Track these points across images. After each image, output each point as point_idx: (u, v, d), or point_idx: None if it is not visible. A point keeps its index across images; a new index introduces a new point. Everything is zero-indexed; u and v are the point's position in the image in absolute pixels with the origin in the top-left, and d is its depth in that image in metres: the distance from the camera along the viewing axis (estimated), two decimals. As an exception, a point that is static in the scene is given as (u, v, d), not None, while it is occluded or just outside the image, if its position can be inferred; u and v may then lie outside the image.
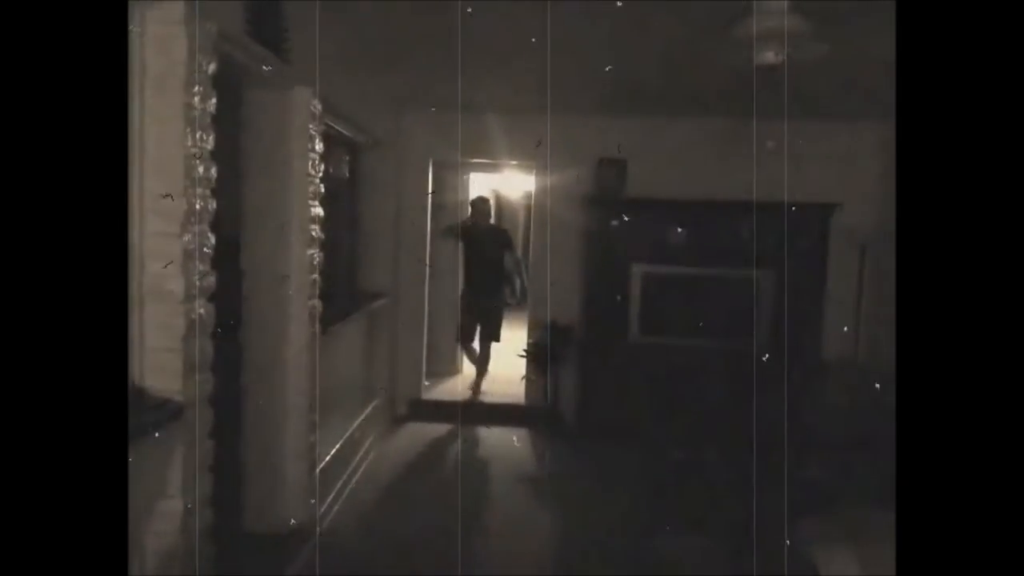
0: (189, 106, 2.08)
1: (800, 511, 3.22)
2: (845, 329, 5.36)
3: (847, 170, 5.49)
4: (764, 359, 4.60)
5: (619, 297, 5.36)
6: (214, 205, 2.26)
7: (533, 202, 6.17)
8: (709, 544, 3.54)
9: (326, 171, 3.58)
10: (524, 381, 5.92)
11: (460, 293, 6.29)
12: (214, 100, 2.23)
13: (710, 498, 3.99)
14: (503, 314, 6.28)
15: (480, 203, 6.24)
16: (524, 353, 5.85)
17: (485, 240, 6.00)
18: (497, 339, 6.13)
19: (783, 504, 3.61)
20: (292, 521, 3.27)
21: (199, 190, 2.16)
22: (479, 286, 6.01)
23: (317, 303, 3.43)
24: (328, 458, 3.86)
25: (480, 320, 6.08)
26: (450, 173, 6.53)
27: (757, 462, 4.35)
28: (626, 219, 5.42)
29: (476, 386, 6.15)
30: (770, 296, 5.33)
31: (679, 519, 3.85)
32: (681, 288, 5.38)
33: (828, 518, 2.62)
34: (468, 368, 6.51)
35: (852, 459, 3.88)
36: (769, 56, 2.97)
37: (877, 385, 3.38)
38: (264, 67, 2.74)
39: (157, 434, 1.98)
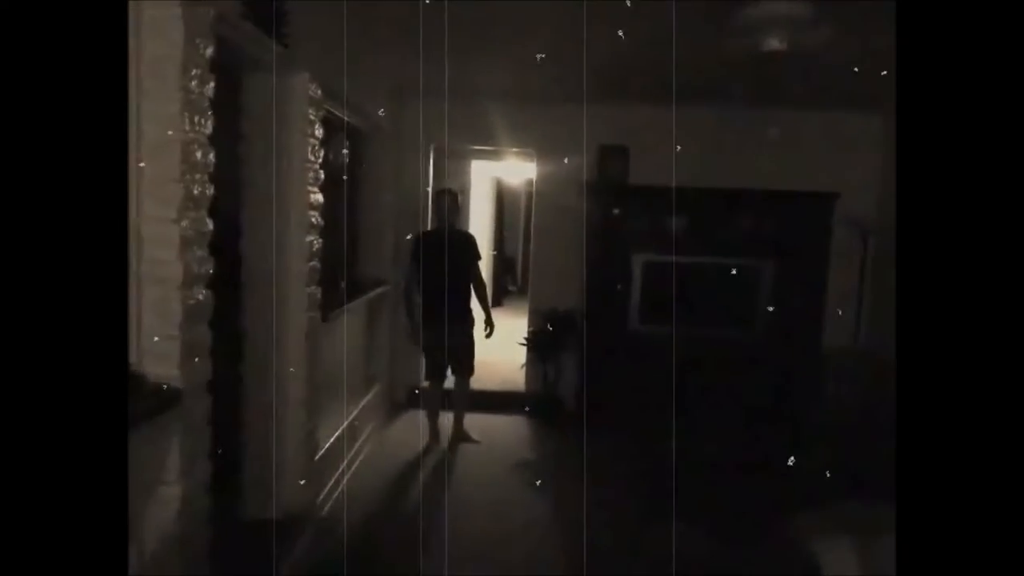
0: (187, 90, 2.06)
1: (799, 502, 3.23)
2: (839, 312, 5.33)
3: (850, 158, 5.47)
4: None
5: (619, 286, 5.35)
6: (212, 190, 2.24)
7: (535, 189, 6.12)
8: (705, 533, 3.55)
9: (326, 157, 3.56)
10: (524, 369, 5.92)
11: (420, 322, 4.77)
12: (212, 84, 2.21)
13: (708, 487, 3.99)
14: (475, 343, 4.91)
15: (443, 200, 4.82)
16: (524, 341, 5.86)
17: (450, 251, 4.57)
18: (471, 371, 4.93)
19: (780, 494, 3.61)
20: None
21: (197, 175, 2.15)
22: (443, 311, 4.62)
23: (316, 290, 3.43)
24: (327, 445, 3.86)
25: (449, 353, 4.81)
26: (449, 160, 6.49)
27: (755, 451, 4.36)
28: (616, 212, 5.39)
29: (458, 431, 5.01)
30: (771, 285, 5.33)
31: (677, 508, 3.86)
32: (682, 277, 5.37)
33: (827, 509, 2.62)
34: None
35: (852, 449, 3.88)
36: (773, 43, 2.94)
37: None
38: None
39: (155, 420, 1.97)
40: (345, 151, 4.39)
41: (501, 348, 6.07)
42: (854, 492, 2.67)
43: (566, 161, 5.42)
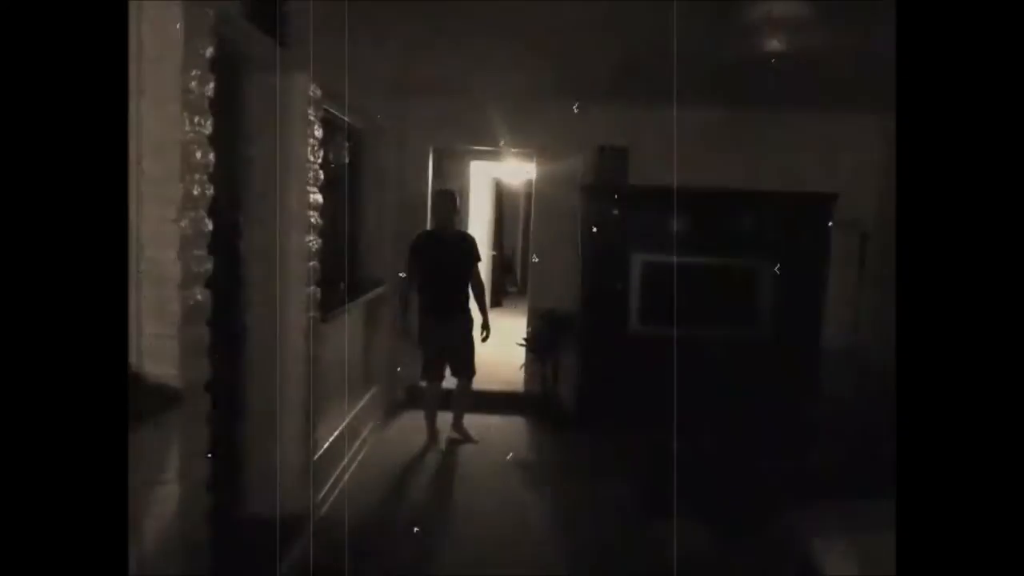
0: (187, 90, 2.06)
1: (798, 500, 3.23)
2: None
3: (849, 159, 5.47)
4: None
5: (619, 286, 5.35)
6: (211, 190, 2.24)
7: (534, 190, 6.12)
8: (706, 532, 3.55)
9: (325, 157, 3.56)
10: (523, 369, 5.92)
11: (410, 321, 4.86)
12: (212, 84, 2.21)
13: (707, 487, 3.99)
14: (474, 343, 4.86)
15: (441, 201, 4.87)
16: (523, 342, 5.85)
17: (448, 251, 4.69)
18: (472, 372, 4.90)
19: (780, 493, 3.61)
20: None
21: (197, 175, 2.15)
22: (441, 311, 4.68)
23: (316, 290, 3.43)
24: (327, 444, 3.86)
25: (447, 354, 4.84)
26: (448, 160, 6.49)
27: (755, 451, 4.36)
28: (615, 212, 5.39)
29: (459, 427, 5.01)
30: (770, 285, 5.33)
31: (676, 507, 3.85)
32: (681, 277, 5.37)
33: (826, 507, 2.62)
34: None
35: (851, 448, 3.88)
36: (773, 44, 2.95)
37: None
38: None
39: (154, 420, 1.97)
40: (346, 146, 4.39)
41: (500, 349, 6.06)
42: (852, 490, 2.67)
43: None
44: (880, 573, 2.03)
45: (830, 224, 5.29)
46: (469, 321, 4.82)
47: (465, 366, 4.85)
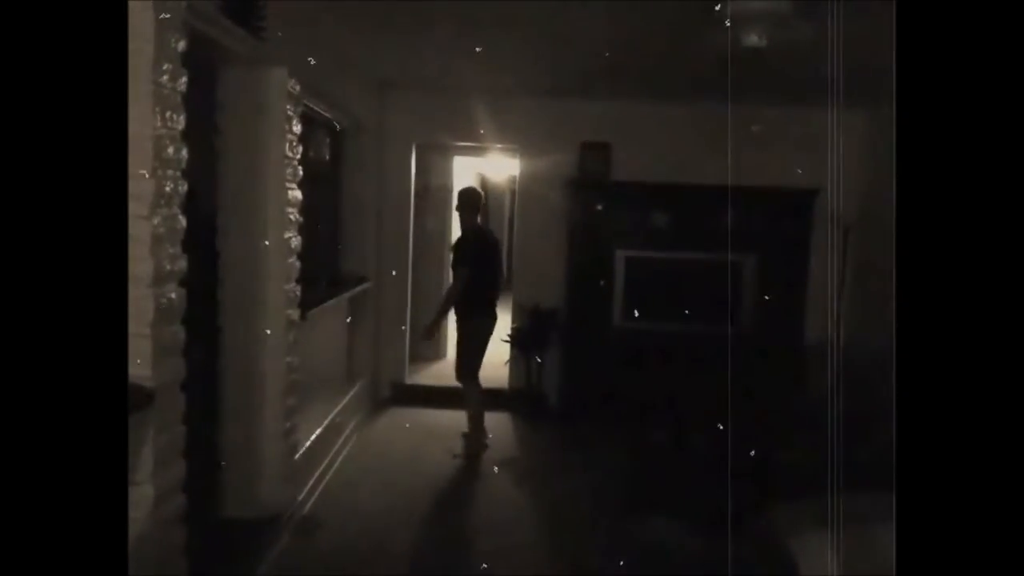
0: (158, 85, 2.02)
1: (779, 496, 3.24)
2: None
3: (831, 154, 5.48)
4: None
5: (602, 282, 5.35)
6: (184, 187, 2.21)
7: (518, 186, 6.09)
8: (689, 528, 3.55)
9: (305, 153, 3.52)
10: (507, 365, 5.90)
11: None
12: (184, 79, 2.17)
13: (691, 482, 4.00)
14: (484, 344, 4.75)
15: (467, 198, 4.74)
16: (508, 338, 5.84)
17: (467, 250, 4.63)
18: (473, 373, 4.73)
19: (762, 488, 3.62)
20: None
21: (169, 171, 2.11)
22: (464, 311, 4.64)
23: (295, 287, 3.39)
24: (309, 443, 3.83)
25: (468, 354, 4.70)
26: (434, 156, 6.47)
27: (736, 446, 4.37)
28: (598, 208, 5.38)
29: (480, 437, 4.76)
30: (753, 280, 5.34)
31: (659, 503, 3.86)
32: (664, 273, 5.38)
33: (807, 503, 2.63)
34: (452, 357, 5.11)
35: (833, 442, 3.89)
36: (753, 38, 2.94)
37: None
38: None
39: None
40: (327, 142, 4.35)
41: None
42: (833, 486, 2.68)
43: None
44: (861, 570, 2.03)
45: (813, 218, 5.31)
46: (482, 323, 4.67)
47: (471, 369, 4.70)
